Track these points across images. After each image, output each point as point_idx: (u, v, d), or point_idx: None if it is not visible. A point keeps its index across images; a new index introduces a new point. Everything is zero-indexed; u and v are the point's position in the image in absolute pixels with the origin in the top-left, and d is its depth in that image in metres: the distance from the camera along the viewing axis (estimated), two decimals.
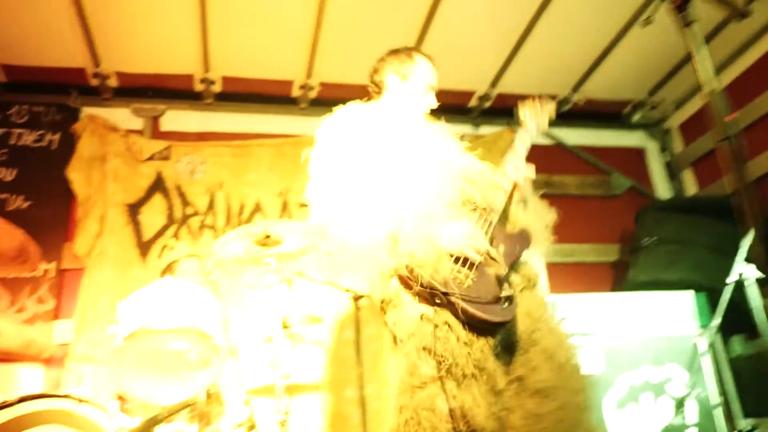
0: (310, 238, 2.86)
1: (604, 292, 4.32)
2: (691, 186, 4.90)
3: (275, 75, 4.34)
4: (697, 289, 3.55)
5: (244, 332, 3.30)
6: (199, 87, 4.29)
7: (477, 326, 1.69)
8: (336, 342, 3.64)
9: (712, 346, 3.21)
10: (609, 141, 5.07)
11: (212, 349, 2.39)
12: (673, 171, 5.00)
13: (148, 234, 3.95)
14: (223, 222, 4.07)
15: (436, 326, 1.68)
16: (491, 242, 1.83)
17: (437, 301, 1.70)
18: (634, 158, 5.09)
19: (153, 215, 4.01)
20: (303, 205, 4.15)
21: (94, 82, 4.12)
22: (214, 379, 2.51)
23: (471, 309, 1.67)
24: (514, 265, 1.87)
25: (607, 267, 4.58)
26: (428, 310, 1.71)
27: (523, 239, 1.93)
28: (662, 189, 4.98)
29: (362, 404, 2.94)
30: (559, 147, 4.89)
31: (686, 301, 3.48)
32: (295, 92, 4.45)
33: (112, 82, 4.17)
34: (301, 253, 2.96)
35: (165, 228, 3.99)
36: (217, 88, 4.32)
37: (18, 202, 3.90)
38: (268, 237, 2.76)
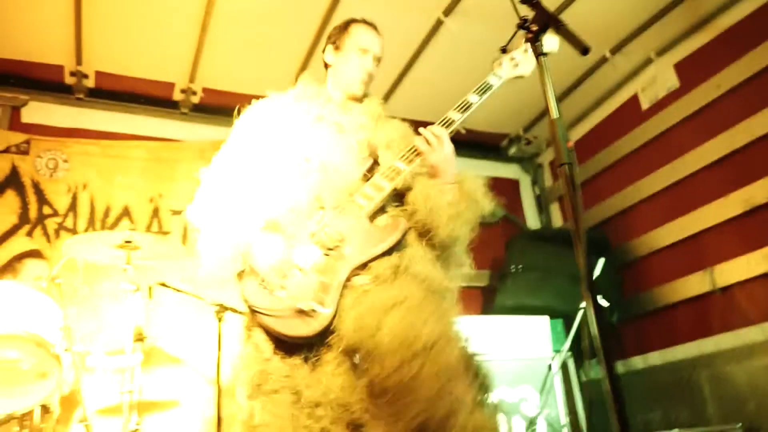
0: (171, 246, 2.75)
1: (474, 315, 4.47)
2: (557, 218, 5.23)
3: (156, 75, 4.15)
4: (557, 314, 3.77)
5: (94, 343, 3.06)
6: (69, 80, 4.01)
7: (281, 340, 1.65)
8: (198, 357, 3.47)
9: (562, 368, 3.40)
10: (486, 171, 5.25)
11: (51, 359, 2.18)
12: (541, 204, 5.31)
13: None
14: (84, 225, 3.78)
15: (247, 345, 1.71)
16: (336, 243, 1.73)
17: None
18: (509, 189, 5.35)
19: (3, 213, 3.65)
20: (175, 212, 4.05)
21: None
22: (51, 393, 2.30)
23: (268, 323, 1.63)
24: (365, 265, 1.73)
25: (478, 292, 4.75)
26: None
27: (390, 230, 1.77)
28: (532, 220, 5.28)
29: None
30: None
31: (542, 325, 3.68)
32: (177, 95, 4.28)
33: None
34: (164, 261, 2.83)
35: (16, 228, 3.64)
36: (90, 82, 4.06)
37: None
38: (128, 242, 2.61)
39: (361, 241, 1.73)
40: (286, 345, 1.64)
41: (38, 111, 4.03)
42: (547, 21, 1.29)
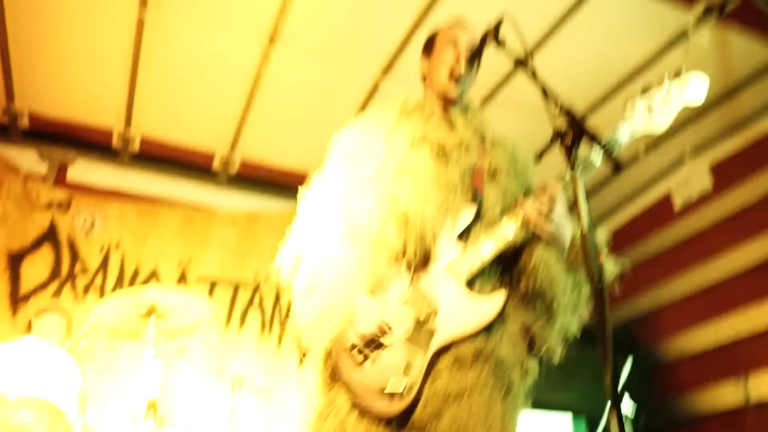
0: (200, 314, 2.75)
1: None
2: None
3: (198, 144, 4.30)
4: (580, 413, 3.62)
5: (109, 411, 3.03)
6: (116, 142, 4.17)
7: (366, 413, 1.57)
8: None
9: None
10: None
11: (63, 428, 2.16)
12: None
13: (26, 287, 3.66)
14: (112, 285, 3.84)
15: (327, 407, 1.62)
16: (429, 315, 1.61)
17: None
18: None
19: (36, 267, 3.74)
20: (201, 279, 4.09)
21: (3, 119, 3.93)
22: None
23: (350, 390, 1.57)
24: (454, 344, 1.59)
25: None
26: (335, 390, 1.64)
27: (487, 307, 1.61)
28: None
29: None
30: None
31: (564, 424, 3.54)
32: (216, 165, 4.41)
33: (24, 122, 3.99)
34: (188, 330, 2.83)
35: (46, 283, 3.72)
36: (135, 146, 4.22)
37: None
38: (153, 308, 2.62)
39: (454, 317, 1.60)
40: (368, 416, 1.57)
41: (84, 170, 4.19)
42: (582, 133, 1.30)
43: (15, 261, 3.70)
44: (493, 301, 1.62)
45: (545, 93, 1.44)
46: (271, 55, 3.50)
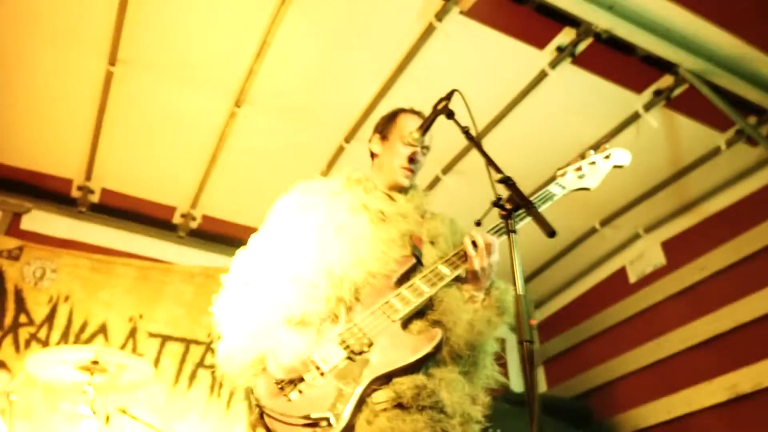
0: (143, 372, 2.66)
1: None
2: (541, 383, 5.09)
3: (160, 198, 4.28)
4: None
5: None
6: (76, 193, 4.14)
7: None
8: None
9: None
10: None
11: None
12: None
13: None
14: (57, 338, 3.70)
15: None
16: (363, 347, 1.61)
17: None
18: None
19: None
20: (152, 335, 3.98)
21: None
22: None
23: (276, 428, 1.51)
24: (391, 377, 1.58)
25: None
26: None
27: (423, 342, 1.64)
28: (516, 383, 5.14)
29: None
30: None
31: None
32: (177, 219, 4.38)
33: None
34: (130, 388, 2.73)
35: None
36: (95, 198, 4.18)
37: None
38: (95, 363, 2.53)
39: (390, 350, 1.61)
40: None
41: (39, 219, 4.11)
42: (519, 202, 1.35)
43: None
44: (429, 337, 1.66)
45: (489, 162, 1.50)
46: (238, 116, 3.56)
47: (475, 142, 1.57)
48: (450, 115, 1.71)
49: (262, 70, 3.30)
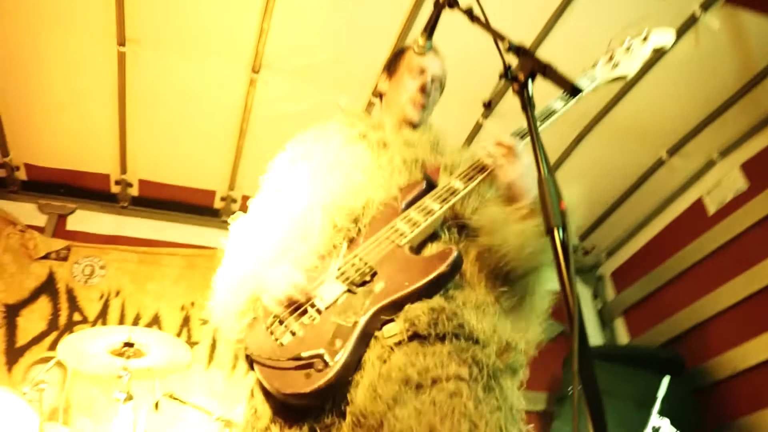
0: (181, 352, 2.54)
1: None
2: (622, 335, 4.71)
3: (197, 183, 4.19)
4: None
5: None
6: (114, 188, 4.11)
7: (282, 403, 1.30)
8: None
9: None
10: None
11: None
12: (604, 318, 4.83)
13: (22, 340, 3.53)
14: None
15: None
16: (365, 277, 1.37)
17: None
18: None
19: (33, 319, 3.61)
20: (205, 322, 3.89)
21: (1, 172, 3.90)
22: None
23: (261, 374, 1.30)
24: (398, 304, 1.32)
25: (535, 416, 4.23)
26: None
27: (435, 262, 1.36)
28: (594, 336, 4.78)
29: None
30: None
31: None
32: (217, 204, 4.29)
33: (21, 175, 3.96)
34: (168, 370, 2.62)
35: (43, 335, 3.57)
36: (134, 191, 4.14)
37: None
38: (129, 346, 2.43)
39: (396, 275, 1.34)
40: (287, 410, 1.30)
41: (83, 219, 4.11)
42: (534, 67, 1.08)
43: (12, 314, 3.58)
44: (442, 256, 1.37)
45: (494, 35, 1.23)
46: (258, 83, 3.39)
47: (479, 21, 1.30)
48: (452, 4, 1.44)
49: (273, 28, 3.11)
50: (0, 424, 2.01)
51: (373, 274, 1.37)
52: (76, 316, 3.70)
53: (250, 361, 1.37)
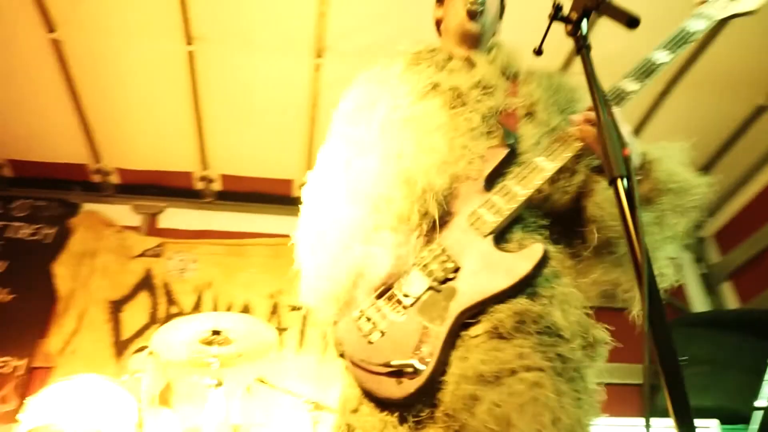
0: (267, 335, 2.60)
1: (630, 418, 3.75)
2: (731, 299, 4.37)
3: (275, 174, 4.27)
4: (729, 418, 2.99)
5: None
6: (198, 185, 4.26)
7: (372, 398, 1.29)
8: None
9: None
10: None
11: None
12: (710, 283, 4.50)
13: (127, 333, 3.75)
14: None
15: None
16: (448, 273, 1.31)
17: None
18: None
19: (135, 313, 3.83)
20: (294, 308, 3.98)
21: (96, 178, 4.15)
22: None
23: (358, 375, 1.30)
24: (482, 306, 1.27)
25: (635, 390, 4.01)
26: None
27: (520, 261, 1.28)
28: (699, 303, 4.46)
29: None
30: None
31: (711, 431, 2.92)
32: (295, 192, 4.35)
33: (114, 179, 4.19)
34: (257, 354, 2.68)
35: (145, 327, 3.78)
36: (217, 186, 4.28)
37: (1, 295, 3.81)
38: (216, 333, 2.51)
39: (480, 274, 1.29)
40: (376, 402, 1.30)
41: (173, 216, 4.30)
42: (587, 4, 0.97)
43: (116, 310, 3.82)
44: (529, 254, 1.28)
45: None
46: (323, 68, 3.39)
47: None
48: None
49: (331, 10, 3.08)
50: (103, 408, 2.13)
51: (456, 269, 1.31)
52: (173, 309, 3.89)
53: (341, 354, 1.38)
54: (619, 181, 0.84)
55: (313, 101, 3.60)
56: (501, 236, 1.35)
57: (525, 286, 1.27)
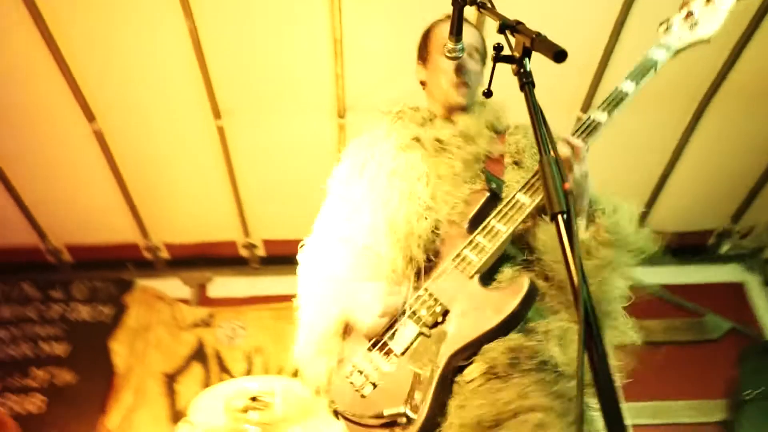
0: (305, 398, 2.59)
1: None
2: None
3: None
4: None
5: None
6: (243, 252, 4.37)
7: None
8: None
9: None
10: (697, 277, 4.42)
11: None
12: None
13: (182, 404, 3.82)
14: None
15: None
16: (437, 317, 1.31)
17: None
18: (732, 295, 4.35)
19: (190, 384, 3.91)
20: None
21: (148, 255, 4.33)
22: None
23: (349, 429, 1.32)
24: (473, 346, 1.25)
25: (710, 428, 3.73)
26: None
27: (507, 297, 1.27)
28: None
29: None
30: (638, 288, 4.32)
31: None
32: None
33: (164, 254, 4.36)
34: (300, 415, 2.66)
35: None
36: (260, 251, 4.38)
37: (67, 378, 3.96)
38: (254, 399, 2.52)
39: (469, 314, 1.28)
40: None
41: (221, 285, 4.42)
42: (524, 35, 0.96)
43: (170, 382, 3.91)
44: (516, 289, 1.27)
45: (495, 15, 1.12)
46: (347, 127, 3.48)
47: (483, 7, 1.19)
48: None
49: (348, 72, 3.18)
50: None
51: (445, 313, 1.32)
52: (225, 377, 3.94)
53: (335, 412, 1.40)
54: (559, 217, 0.82)
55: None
56: (489, 276, 1.36)
57: (516, 322, 1.26)
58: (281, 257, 4.42)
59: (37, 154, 3.58)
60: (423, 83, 1.83)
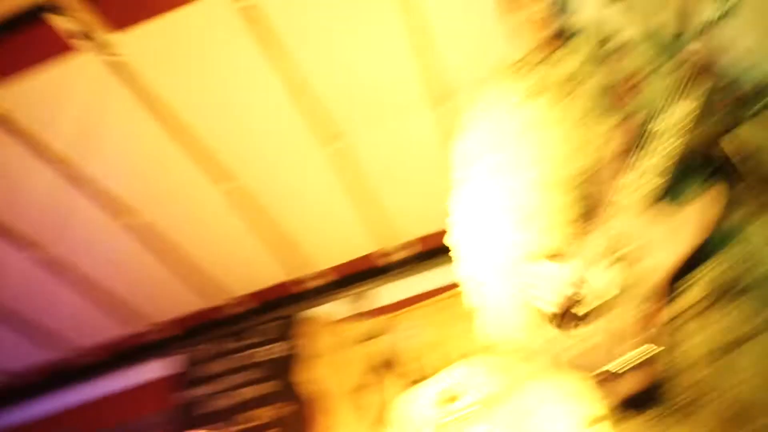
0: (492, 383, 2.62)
1: None
2: None
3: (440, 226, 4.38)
4: None
5: None
6: (386, 259, 4.52)
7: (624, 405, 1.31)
8: None
9: None
10: None
11: None
12: None
13: (369, 419, 4.00)
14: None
15: None
16: (627, 257, 1.27)
17: None
18: None
19: (373, 398, 4.08)
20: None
21: (304, 287, 4.62)
22: None
23: (603, 389, 1.32)
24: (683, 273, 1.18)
25: None
26: None
27: (700, 213, 1.16)
28: None
29: None
30: None
31: None
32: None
33: (316, 282, 4.62)
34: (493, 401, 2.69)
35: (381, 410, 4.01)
36: (401, 254, 4.50)
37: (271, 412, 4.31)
38: (449, 393, 2.58)
39: (662, 242, 1.20)
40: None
41: (377, 295, 4.59)
42: None
43: (356, 399, 4.12)
44: (708, 200, 1.19)
45: None
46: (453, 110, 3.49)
47: None
48: None
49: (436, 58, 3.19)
50: None
51: (633, 249, 1.27)
52: (401, 382, 4.06)
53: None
54: None
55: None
56: (670, 197, 1.26)
57: (718, 236, 1.17)
58: (422, 254, 4.51)
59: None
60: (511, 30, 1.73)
